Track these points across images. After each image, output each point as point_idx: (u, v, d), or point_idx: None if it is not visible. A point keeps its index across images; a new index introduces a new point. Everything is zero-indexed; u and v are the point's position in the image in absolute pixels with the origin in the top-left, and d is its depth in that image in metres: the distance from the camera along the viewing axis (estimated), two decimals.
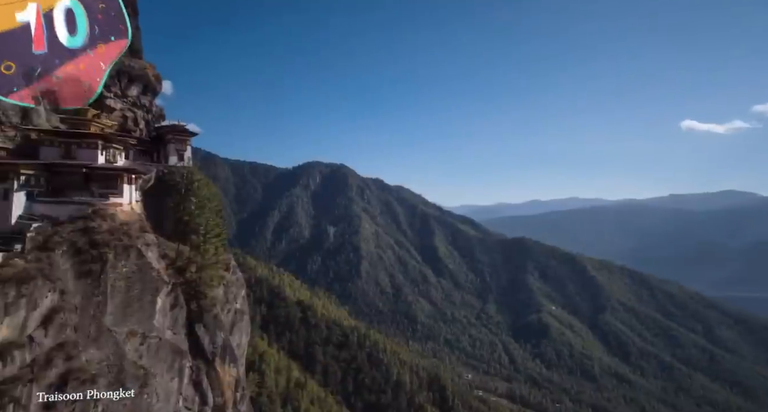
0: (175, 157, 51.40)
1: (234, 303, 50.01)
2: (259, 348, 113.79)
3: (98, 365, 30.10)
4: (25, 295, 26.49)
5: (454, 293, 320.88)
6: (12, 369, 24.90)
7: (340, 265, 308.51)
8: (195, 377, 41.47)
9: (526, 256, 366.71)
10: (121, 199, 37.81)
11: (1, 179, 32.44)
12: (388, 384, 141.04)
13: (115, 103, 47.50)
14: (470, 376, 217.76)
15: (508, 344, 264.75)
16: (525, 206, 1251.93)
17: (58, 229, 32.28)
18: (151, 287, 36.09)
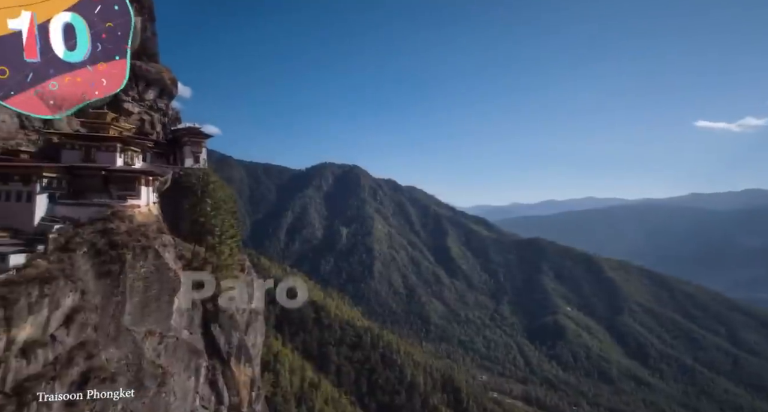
0: (191, 159, 52.25)
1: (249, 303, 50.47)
2: (273, 348, 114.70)
3: (117, 363, 30.70)
4: (47, 295, 27.17)
5: (467, 294, 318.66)
6: (36, 367, 25.56)
7: (353, 265, 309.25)
8: (211, 376, 42.01)
9: (540, 256, 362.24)
10: (138, 200, 38.52)
11: (25, 182, 33.37)
12: (402, 385, 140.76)
13: (133, 106, 48.52)
14: (485, 377, 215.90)
15: (523, 346, 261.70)
16: (540, 206, 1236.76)
17: (79, 230, 33.05)
18: (168, 288, 36.67)
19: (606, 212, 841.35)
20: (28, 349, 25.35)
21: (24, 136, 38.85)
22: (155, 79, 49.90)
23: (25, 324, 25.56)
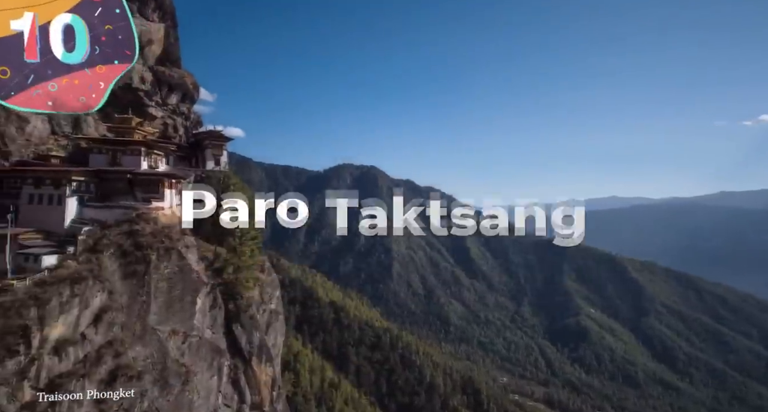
0: (212, 161, 53.27)
1: (269, 304, 51.20)
2: (293, 348, 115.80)
3: (144, 362, 31.53)
4: (77, 294, 28.11)
5: (487, 295, 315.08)
6: (67, 365, 26.46)
7: (371, 266, 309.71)
8: (233, 375, 42.70)
9: (562, 257, 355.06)
10: (162, 203, 39.50)
11: (56, 186, 34.65)
12: (422, 386, 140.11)
13: (157, 111, 49.79)
14: (505, 379, 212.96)
15: (544, 348, 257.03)
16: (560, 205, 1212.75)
17: (106, 232, 34.10)
18: (191, 288, 37.48)
19: (630, 211, 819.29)
20: (60, 347, 26.29)
21: (54, 142, 40.36)
22: (178, 84, 51.10)
23: (56, 323, 26.52)
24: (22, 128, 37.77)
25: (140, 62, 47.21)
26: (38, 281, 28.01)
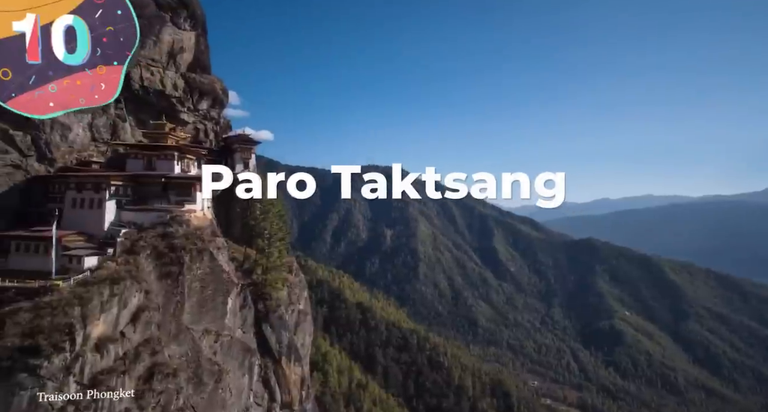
0: (241, 165, 54.47)
1: (297, 304, 51.86)
2: (321, 348, 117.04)
3: (179, 360, 32.51)
4: (117, 294, 29.27)
5: (516, 297, 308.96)
6: (108, 361, 27.57)
7: (397, 267, 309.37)
8: (263, 374, 43.48)
9: (594, 258, 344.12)
10: (194, 205, 40.65)
11: (96, 190, 36.25)
12: (450, 388, 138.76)
13: (188, 116, 51.38)
14: (536, 383, 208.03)
15: (577, 351, 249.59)
16: (592, 205, 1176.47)
17: (142, 234, 35.39)
18: (223, 288, 38.40)
19: (667, 210, 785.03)
20: (101, 344, 27.43)
21: (95, 148, 42.24)
22: (208, 90, 52.56)
23: (98, 321, 27.70)
24: (65, 136, 39.72)
25: (173, 70, 48.85)
26: (81, 281, 29.35)
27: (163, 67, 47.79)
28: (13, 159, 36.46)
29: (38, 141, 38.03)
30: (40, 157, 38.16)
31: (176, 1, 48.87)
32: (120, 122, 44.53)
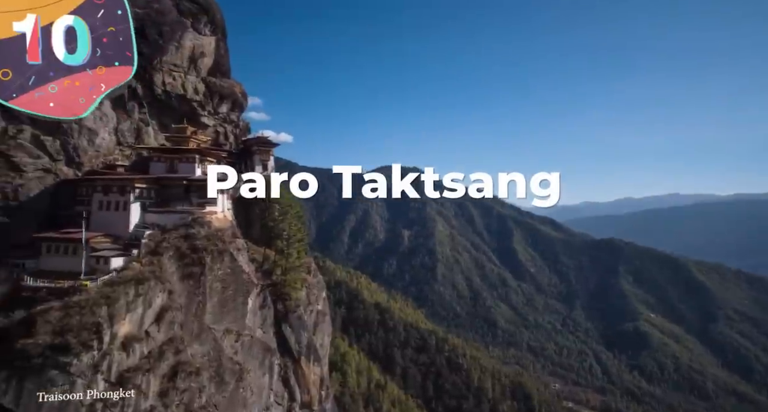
0: (260, 167, 55.16)
1: (316, 305, 52.19)
2: (340, 349, 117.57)
3: (201, 359, 33.12)
4: (141, 294, 30.03)
5: (536, 298, 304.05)
6: (134, 360, 28.29)
7: (415, 268, 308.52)
8: (283, 374, 43.89)
9: (617, 258, 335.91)
10: (215, 207, 41.36)
11: (121, 193, 37.28)
12: (469, 390, 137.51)
13: (209, 120, 52.33)
14: (558, 385, 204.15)
15: (599, 354, 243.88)
16: (615, 204, 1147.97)
17: (166, 236, 36.19)
18: (243, 289, 38.94)
19: (693, 209, 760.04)
20: (127, 343, 28.19)
21: (120, 152, 43.44)
22: (228, 94, 53.46)
23: (124, 321, 28.47)
24: (92, 140, 40.99)
25: (194, 74, 49.86)
26: (107, 281, 30.23)
27: (185, 72, 48.82)
28: (44, 163, 37.82)
29: (67, 146, 39.37)
30: (69, 162, 39.48)
31: (197, 7, 49.88)
32: (144, 126, 45.72)
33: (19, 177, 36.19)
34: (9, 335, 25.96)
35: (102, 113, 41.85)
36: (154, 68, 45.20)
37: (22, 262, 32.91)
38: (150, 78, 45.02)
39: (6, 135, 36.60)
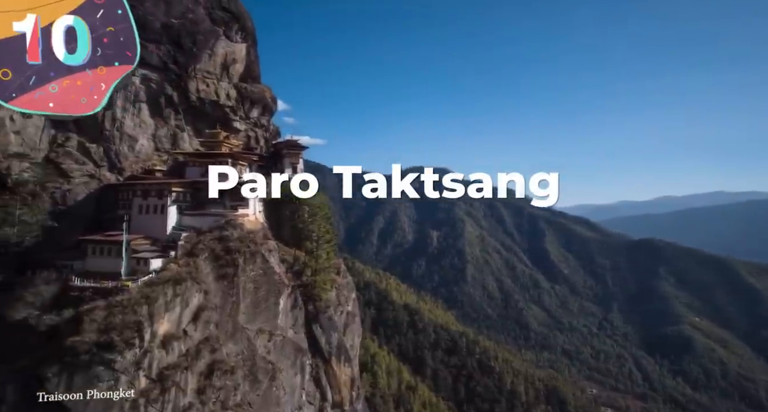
0: (290, 169, 56.14)
1: (346, 306, 52.50)
2: (370, 350, 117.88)
3: (235, 358, 33.92)
4: (179, 295, 31.08)
5: (570, 300, 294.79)
6: (172, 358, 29.29)
7: (444, 269, 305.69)
8: (315, 374, 44.35)
9: (657, 259, 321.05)
10: (247, 210, 42.37)
11: (159, 196, 38.79)
12: (502, 393, 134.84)
13: (240, 124, 53.73)
14: (595, 391, 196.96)
15: (639, 359, 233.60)
16: (654, 203, 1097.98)
17: (201, 238, 37.35)
18: (275, 289, 39.64)
19: (741, 207, 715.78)
20: (166, 341, 29.23)
21: (157, 157, 45.26)
22: (258, 99, 54.75)
23: (163, 320, 29.54)
24: (132, 147, 42.93)
25: (226, 80, 51.38)
26: (147, 281, 31.48)
27: (217, 79, 50.37)
28: (89, 170, 39.90)
29: (109, 152, 41.40)
30: (111, 167, 41.48)
31: (228, 15, 51.39)
32: (179, 132, 47.48)
33: (67, 183, 38.33)
34: (59, 333, 27.48)
35: (141, 120, 43.80)
36: (188, 76, 46.88)
37: (70, 263, 34.77)
38: (185, 85, 46.74)
39: (55, 143, 38.89)
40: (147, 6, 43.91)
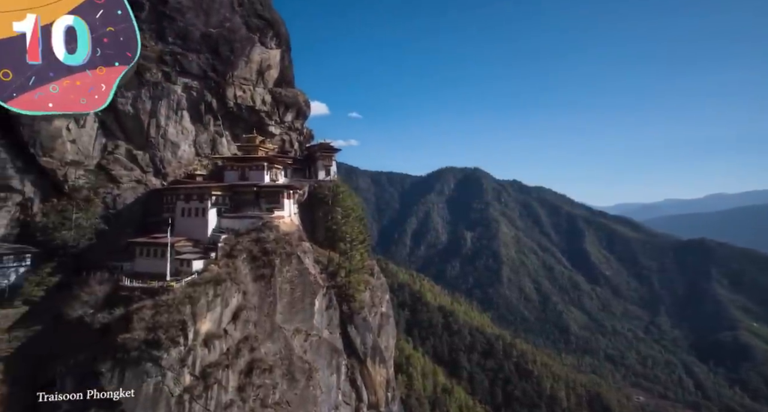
0: (323, 172, 56.94)
1: (380, 307, 52.56)
2: (405, 351, 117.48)
3: (273, 357, 34.67)
4: (219, 295, 32.12)
5: (613, 303, 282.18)
6: (214, 356, 30.28)
7: (479, 270, 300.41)
8: (350, 374, 44.62)
9: (708, 260, 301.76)
10: (282, 212, 43.28)
11: (200, 200, 40.30)
12: (541, 399, 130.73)
13: (275, 128, 55.06)
14: (642, 398, 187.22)
15: (690, 365, 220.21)
16: (703, 201, 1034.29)
17: (239, 239, 38.48)
18: (310, 290, 40.22)
19: None
20: (208, 340, 30.27)
21: (198, 162, 47.12)
22: (292, 103, 55.94)
23: (205, 319, 30.61)
24: (175, 153, 44.90)
25: (261, 86, 52.85)
26: (190, 282, 32.74)
27: (253, 85, 51.89)
28: (136, 175, 42.06)
29: (154, 158, 43.48)
30: (156, 173, 43.55)
31: (263, 22, 52.86)
32: (218, 138, 49.24)
33: (117, 188, 40.58)
34: (111, 330, 29.07)
35: (182, 127, 45.76)
36: (226, 83, 48.55)
37: (120, 264, 36.76)
38: (223, 92, 48.44)
39: (105, 151, 41.29)
40: (188, 17, 45.87)
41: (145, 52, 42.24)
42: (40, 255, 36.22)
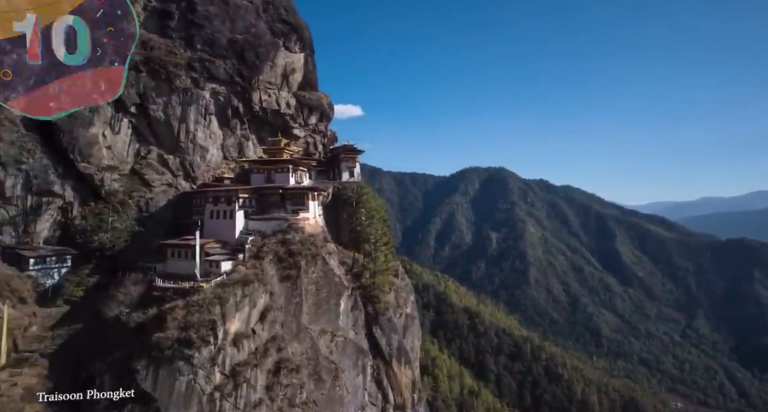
0: (347, 173, 57.27)
1: (405, 308, 52.38)
2: (430, 353, 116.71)
3: (300, 357, 35.05)
4: (247, 295, 32.73)
5: (646, 305, 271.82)
6: (243, 355, 30.87)
7: (505, 271, 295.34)
8: (376, 375, 44.61)
9: (750, 261, 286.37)
10: (307, 214, 43.75)
11: (228, 202, 41.25)
12: (572, 403, 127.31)
13: (300, 131, 55.79)
14: (680, 405, 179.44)
15: (732, 371, 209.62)
16: (743, 199, 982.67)
17: (266, 241, 39.14)
18: (335, 291, 40.47)
19: None
20: (237, 340, 30.89)
21: (226, 166, 48.27)
22: (316, 106, 56.57)
23: (234, 319, 31.25)
24: (204, 157, 46.15)
25: (286, 90, 53.68)
26: (219, 283, 33.52)
27: (278, 88, 52.76)
28: (167, 179, 43.46)
29: (184, 162, 44.81)
30: (186, 176, 44.86)
31: (287, 27, 53.70)
32: (244, 141, 50.31)
33: (149, 191, 42.04)
34: (146, 329, 30.07)
35: (211, 132, 46.99)
36: (252, 87, 49.55)
37: (153, 265, 38.01)
38: (249, 96, 49.46)
39: (138, 156, 42.86)
40: (215, 24, 47.11)
41: (175, 59, 43.55)
42: (79, 256, 37.96)
